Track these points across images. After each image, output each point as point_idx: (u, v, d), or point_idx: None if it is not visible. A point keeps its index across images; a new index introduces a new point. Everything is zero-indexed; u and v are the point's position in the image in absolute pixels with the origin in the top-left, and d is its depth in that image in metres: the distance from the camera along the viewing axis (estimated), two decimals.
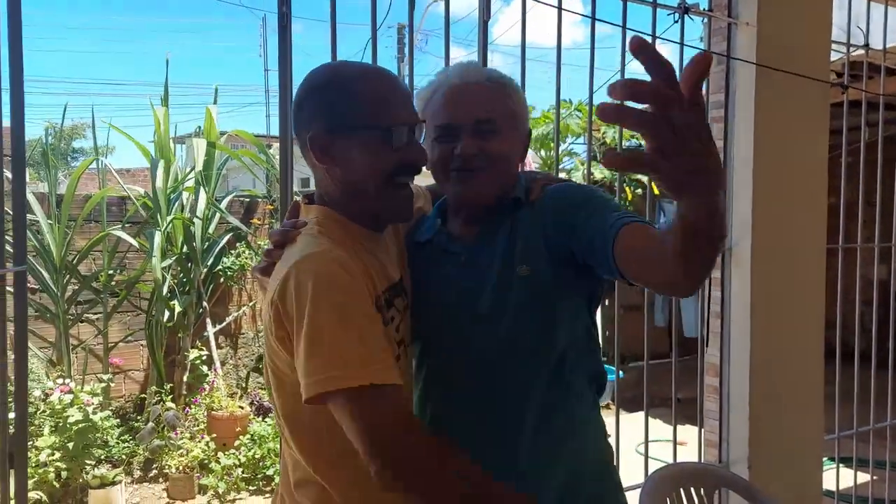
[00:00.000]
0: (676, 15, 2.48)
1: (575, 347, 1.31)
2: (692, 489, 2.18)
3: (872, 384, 3.01)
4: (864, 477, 3.52)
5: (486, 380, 1.29)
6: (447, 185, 1.33)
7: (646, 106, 0.72)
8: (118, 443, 4.74)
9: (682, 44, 2.46)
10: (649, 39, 2.39)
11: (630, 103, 0.71)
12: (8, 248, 1.46)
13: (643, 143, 0.76)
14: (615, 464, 1.41)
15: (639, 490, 2.04)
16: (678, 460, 2.56)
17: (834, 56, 2.79)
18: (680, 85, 0.71)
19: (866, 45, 2.93)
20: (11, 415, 1.58)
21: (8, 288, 1.50)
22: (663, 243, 0.98)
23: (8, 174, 1.55)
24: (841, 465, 3.04)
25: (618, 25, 2.35)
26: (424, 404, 1.37)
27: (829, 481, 3.00)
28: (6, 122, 1.44)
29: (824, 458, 2.84)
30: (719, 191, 0.81)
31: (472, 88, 1.31)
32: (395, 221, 1.28)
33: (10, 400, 1.57)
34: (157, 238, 5.15)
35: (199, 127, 5.78)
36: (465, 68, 1.36)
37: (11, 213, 1.44)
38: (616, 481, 1.40)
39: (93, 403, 4.55)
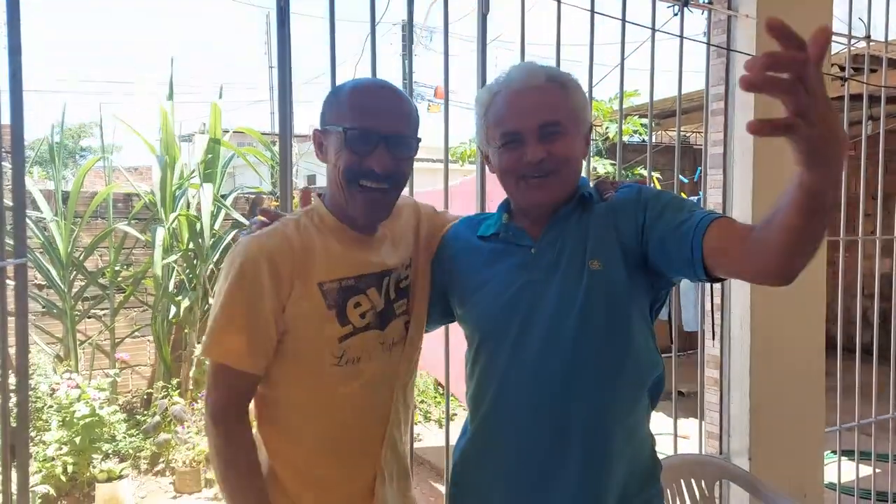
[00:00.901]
0: (676, 7, 2.48)
1: (644, 350, 1.30)
2: (693, 481, 2.18)
3: (874, 377, 3.00)
4: (866, 470, 3.51)
5: (551, 374, 1.26)
6: (516, 192, 1.34)
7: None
8: (125, 437, 4.78)
9: (681, 37, 2.46)
10: (648, 33, 2.39)
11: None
12: (8, 240, 1.48)
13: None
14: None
15: None
16: (679, 452, 2.56)
17: (835, 48, 2.78)
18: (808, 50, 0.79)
19: (868, 37, 2.92)
20: (15, 410, 1.60)
21: (9, 281, 1.52)
22: (767, 228, 1.00)
23: (7, 164, 1.57)
24: (843, 458, 3.03)
25: (617, 19, 2.35)
26: (480, 391, 1.35)
27: (831, 474, 3.00)
28: (5, 119, 1.46)
29: (827, 452, 2.84)
30: (844, 159, 0.88)
31: (534, 92, 1.30)
32: (361, 222, 1.33)
33: (12, 392, 1.59)
34: (160, 234, 5.18)
35: (205, 124, 5.80)
36: (525, 70, 1.33)
37: (12, 205, 1.46)
38: (660, 489, 1.38)
39: (100, 398, 4.59)
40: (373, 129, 1.25)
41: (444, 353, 2.07)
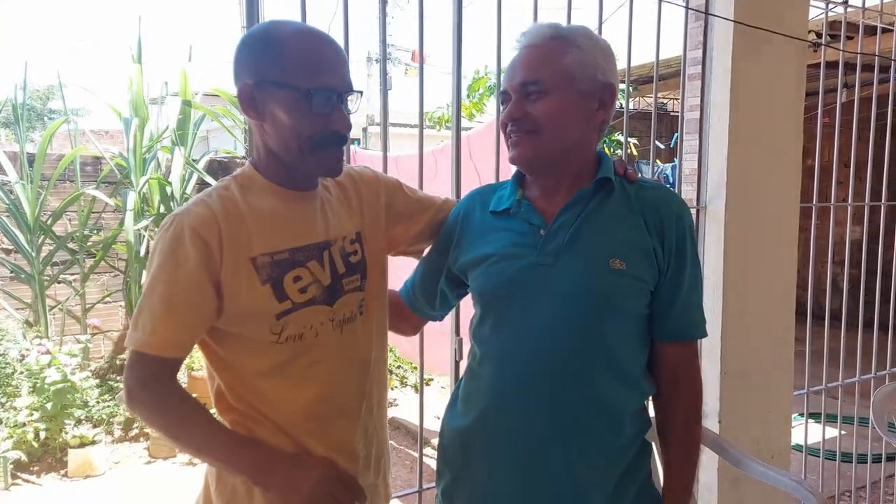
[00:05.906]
0: None
1: (638, 342, 1.31)
2: None
3: (843, 342, 3.06)
4: (832, 432, 3.60)
5: (543, 363, 1.25)
6: (508, 149, 1.32)
7: None
8: (98, 403, 4.74)
9: (660, 0, 2.43)
10: None
11: None
12: None
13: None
14: None
15: None
16: (651, 415, 2.59)
17: (813, 13, 2.77)
18: None
19: (845, 3, 2.91)
20: None
21: None
22: (664, 415, 1.40)
23: None
24: (810, 420, 3.10)
25: None
26: (479, 365, 1.34)
27: (798, 436, 3.06)
28: None
29: (794, 414, 2.90)
30: None
31: (528, 50, 1.28)
32: (323, 176, 1.29)
33: None
34: (131, 198, 5.08)
35: (167, 83, 5.65)
36: (531, 30, 1.30)
37: None
38: (648, 473, 1.38)
39: (71, 364, 4.53)
40: (333, 87, 1.16)
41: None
